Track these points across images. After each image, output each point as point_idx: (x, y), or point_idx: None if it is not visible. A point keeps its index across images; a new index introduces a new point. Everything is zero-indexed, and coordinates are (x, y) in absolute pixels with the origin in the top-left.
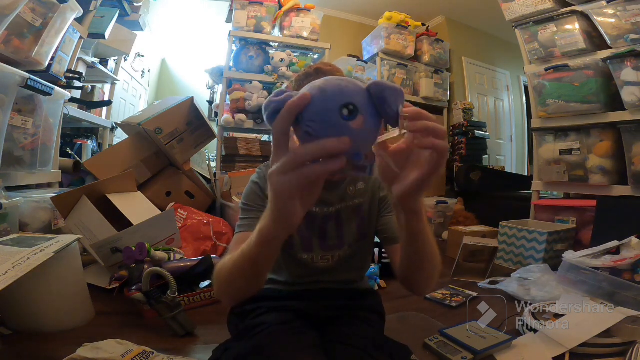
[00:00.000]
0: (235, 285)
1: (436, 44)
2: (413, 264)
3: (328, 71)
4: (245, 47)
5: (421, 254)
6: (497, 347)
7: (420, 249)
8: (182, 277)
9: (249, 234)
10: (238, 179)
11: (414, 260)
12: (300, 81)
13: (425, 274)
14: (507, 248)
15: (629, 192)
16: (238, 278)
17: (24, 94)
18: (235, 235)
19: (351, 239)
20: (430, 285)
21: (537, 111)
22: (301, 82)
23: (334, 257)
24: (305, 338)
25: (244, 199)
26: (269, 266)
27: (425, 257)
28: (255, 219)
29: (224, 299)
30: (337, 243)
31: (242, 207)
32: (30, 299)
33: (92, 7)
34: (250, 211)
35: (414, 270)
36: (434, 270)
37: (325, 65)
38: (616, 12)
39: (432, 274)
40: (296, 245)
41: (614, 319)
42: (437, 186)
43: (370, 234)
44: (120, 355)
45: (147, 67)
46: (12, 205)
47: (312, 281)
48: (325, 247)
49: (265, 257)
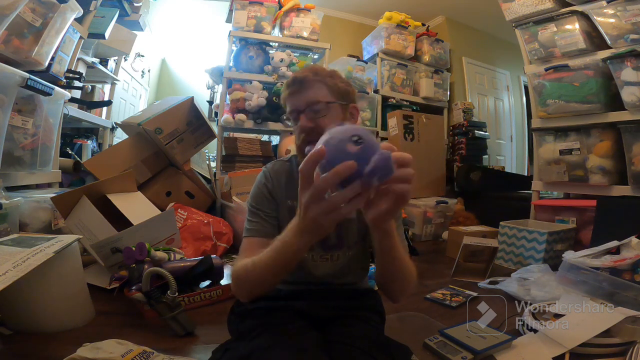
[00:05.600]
0: (255, 290)
1: (436, 44)
2: (387, 275)
3: (301, 77)
4: (245, 47)
5: (393, 267)
6: (497, 347)
7: (392, 263)
8: (182, 277)
9: (258, 240)
10: (238, 179)
11: (388, 272)
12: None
13: (399, 285)
14: (507, 248)
15: (629, 192)
16: (258, 285)
17: (24, 94)
18: (245, 239)
19: (351, 240)
20: (404, 294)
21: (537, 111)
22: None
23: (333, 257)
24: (305, 338)
25: (252, 200)
26: (287, 272)
27: (397, 270)
28: (263, 223)
29: (242, 297)
30: (336, 243)
31: (249, 209)
32: (31, 299)
33: (92, 7)
34: (258, 215)
35: (388, 280)
36: (405, 281)
37: (299, 73)
38: (616, 12)
39: (405, 285)
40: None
41: (614, 319)
42: (437, 186)
43: (369, 236)
44: (120, 355)
45: (147, 67)
46: (12, 205)
47: (311, 281)
48: (325, 247)
49: (284, 266)
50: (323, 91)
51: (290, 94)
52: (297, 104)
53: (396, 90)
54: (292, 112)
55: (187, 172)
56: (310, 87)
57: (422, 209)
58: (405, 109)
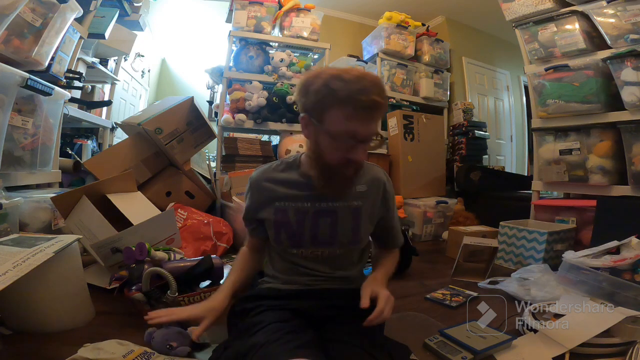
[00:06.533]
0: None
1: (436, 44)
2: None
3: (378, 104)
4: (245, 47)
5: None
6: (497, 347)
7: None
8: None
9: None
10: (238, 179)
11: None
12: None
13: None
14: (507, 248)
15: (629, 192)
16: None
17: (24, 94)
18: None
19: (344, 239)
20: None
21: (537, 111)
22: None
23: (324, 253)
24: (303, 336)
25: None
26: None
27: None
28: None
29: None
30: (328, 240)
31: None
32: (30, 299)
33: (92, 7)
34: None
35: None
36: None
37: (375, 96)
38: (616, 12)
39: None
40: (284, 242)
41: (614, 319)
42: (437, 186)
43: (364, 238)
44: (121, 356)
45: (147, 67)
46: (12, 205)
47: (306, 279)
48: (315, 243)
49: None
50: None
51: (362, 118)
52: (364, 132)
53: (396, 90)
54: (350, 137)
55: (187, 172)
56: (380, 117)
57: (422, 209)
58: (405, 109)
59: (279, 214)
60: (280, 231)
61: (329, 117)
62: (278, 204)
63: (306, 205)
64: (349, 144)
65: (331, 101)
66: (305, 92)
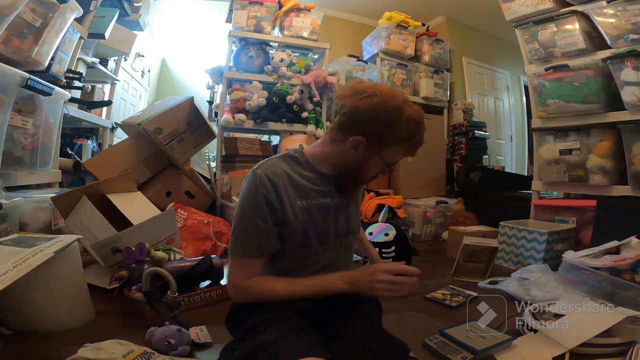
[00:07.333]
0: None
1: (436, 44)
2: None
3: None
4: (245, 47)
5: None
6: (497, 347)
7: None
8: (182, 277)
9: (255, 262)
10: (238, 178)
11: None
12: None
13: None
14: (507, 248)
15: (629, 192)
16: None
17: (24, 94)
18: (241, 258)
19: (355, 226)
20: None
21: (537, 111)
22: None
23: (343, 243)
24: (308, 334)
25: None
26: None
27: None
28: (260, 245)
29: (241, 302)
30: (347, 230)
31: (243, 226)
32: (31, 299)
33: (92, 7)
34: (254, 236)
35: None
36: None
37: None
38: (616, 12)
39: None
40: (313, 242)
41: (614, 319)
42: (437, 186)
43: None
44: (121, 356)
45: (147, 67)
46: (12, 205)
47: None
48: (337, 235)
49: (316, 296)
50: None
51: (417, 143)
52: (411, 154)
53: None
54: (393, 165)
55: (187, 172)
56: None
57: (422, 209)
58: None
59: (305, 214)
60: (308, 231)
61: (392, 150)
62: (300, 202)
63: (327, 202)
64: (387, 168)
65: (403, 141)
66: (373, 118)
